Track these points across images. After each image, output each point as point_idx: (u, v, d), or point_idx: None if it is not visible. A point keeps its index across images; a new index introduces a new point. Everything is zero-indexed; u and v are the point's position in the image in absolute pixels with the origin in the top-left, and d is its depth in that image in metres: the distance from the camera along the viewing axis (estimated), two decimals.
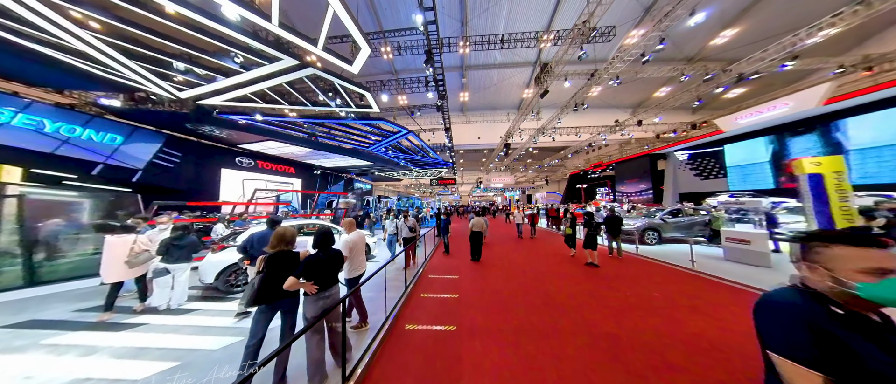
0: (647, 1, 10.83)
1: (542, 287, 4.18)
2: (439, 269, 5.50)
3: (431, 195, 39.52)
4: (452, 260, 6.47)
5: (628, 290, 3.86)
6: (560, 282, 4.39)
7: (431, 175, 24.22)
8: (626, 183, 21.58)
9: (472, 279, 4.78)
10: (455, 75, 16.67)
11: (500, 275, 5.03)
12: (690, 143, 16.71)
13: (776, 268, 4.49)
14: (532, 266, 5.60)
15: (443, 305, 3.70)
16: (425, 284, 4.58)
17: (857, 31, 10.88)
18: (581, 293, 3.77)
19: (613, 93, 17.20)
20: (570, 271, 5.04)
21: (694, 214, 7.07)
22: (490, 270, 5.37)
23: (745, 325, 2.68)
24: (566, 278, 4.57)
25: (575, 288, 4.08)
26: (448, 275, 5.02)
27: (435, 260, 6.56)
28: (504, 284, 4.40)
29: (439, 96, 9.62)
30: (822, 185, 5.09)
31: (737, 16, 11.14)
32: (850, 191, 4.98)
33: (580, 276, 4.64)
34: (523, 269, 5.32)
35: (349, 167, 16.89)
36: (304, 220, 5.91)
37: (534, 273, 5.03)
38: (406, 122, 17.62)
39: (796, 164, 5.47)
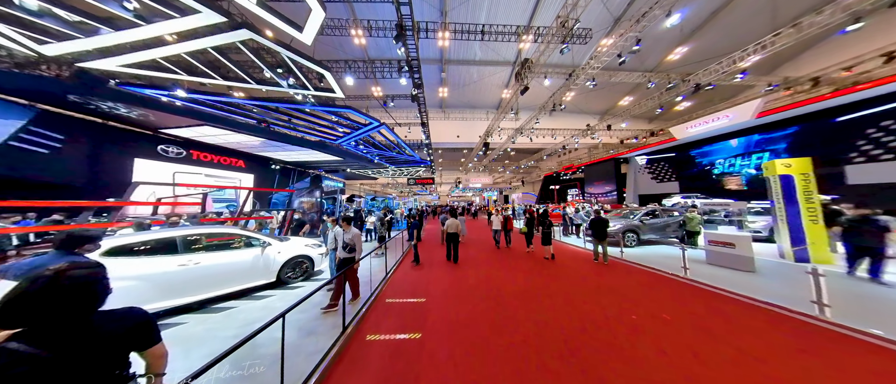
0: (617, 11, 11.24)
1: (533, 312, 3.20)
2: (403, 289, 4.29)
3: (409, 195, 38.02)
4: (422, 272, 5.23)
5: (631, 306, 3.20)
6: (552, 303, 3.49)
7: (409, 173, 22.88)
8: (594, 184, 22.53)
9: (443, 303, 3.56)
10: (434, 69, 15.64)
11: (479, 293, 3.92)
12: (648, 148, 17.70)
13: (761, 273, 4.24)
14: (515, 280, 4.53)
15: (398, 354, 2.40)
16: (378, 315, 3.27)
17: (779, 56, 12.45)
18: (586, 326, 2.76)
19: (585, 99, 17.61)
20: (564, 289, 4.17)
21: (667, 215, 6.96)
22: (466, 285, 4.37)
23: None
24: (559, 298, 3.67)
25: (575, 314, 3.21)
26: (412, 299, 3.80)
27: (400, 273, 5.29)
28: (485, 309, 3.29)
29: (414, 85, 8.52)
30: (793, 185, 5.03)
31: (688, 36, 12.23)
32: (815, 192, 4.97)
33: (579, 297, 3.73)
34: (505, 286, 4.18)
35: (316, 162, 14.94)
36: (207, 228, 4.04)
37: (517, 291, 3.93)
38: (380, 116, 16.14)
39: (768, 165, 5.41)
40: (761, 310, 3.01)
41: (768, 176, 5.35)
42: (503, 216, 7.99)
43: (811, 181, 4.95)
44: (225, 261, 3.74)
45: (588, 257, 5.82)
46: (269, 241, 4.29)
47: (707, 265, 4.75)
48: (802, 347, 2.24)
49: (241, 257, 3.92)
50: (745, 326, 2.68)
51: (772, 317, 2.82)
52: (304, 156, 12.52)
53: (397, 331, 2.84)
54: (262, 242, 4.21)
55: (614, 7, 11.08)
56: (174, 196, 6.41)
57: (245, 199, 6.10)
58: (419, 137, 15.30)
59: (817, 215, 4.81)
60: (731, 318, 2.84)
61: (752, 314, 2.92)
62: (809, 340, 2.33)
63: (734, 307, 3.09)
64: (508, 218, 8.04)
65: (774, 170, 5.18)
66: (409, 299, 3.79)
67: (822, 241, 4.75)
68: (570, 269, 4.91)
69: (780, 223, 5.02)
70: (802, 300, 2.95)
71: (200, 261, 3.47)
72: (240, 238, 4.12)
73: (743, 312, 2.97)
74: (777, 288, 3.63)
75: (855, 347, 2.22)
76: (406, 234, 7.83)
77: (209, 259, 3.59)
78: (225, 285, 3.69)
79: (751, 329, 2.63)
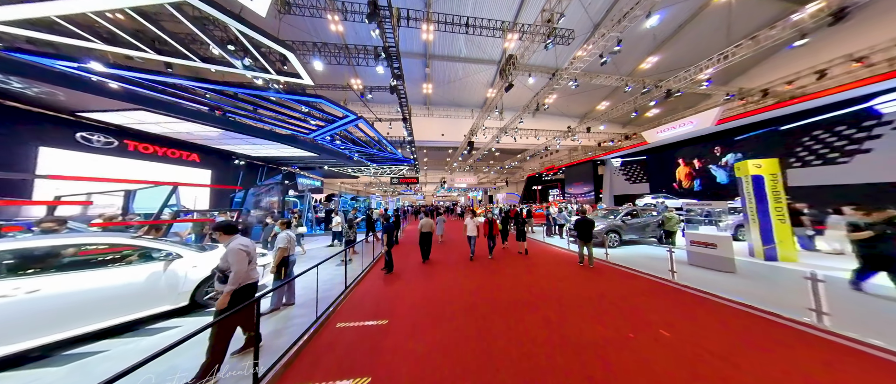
0: (597, 18, 11.47)
1: (519, 334, 2.62)
2: (363, 306, 3.48)
3: (393, 194, 36.78)
4: (393, 282, 4.46)
5: (624, 320, 2.84)
6: (540, 319, 2.95)
7: (392, 172, 21.88)
8: (574, 185, 23.19)
9: (410, 326, 2.87)
10: (418, 64, 14.91)
11: (454, 309, 3.25)
12: (622, 151, 18.46)
13: (741, 274, 4.20)
14: (496, 290, 3.89)
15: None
16: (318, 351, 2.44)
17: (734, 69, 13.66)
18: (580, 350, 2.31)
19: (566, 102, 17.94)
20: (551, 300, 3.75)
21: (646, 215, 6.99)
22: (441, 298, 3.66)
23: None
24: (547, 311, 3.23)
25: (567, 334, 2.77)
26: (372, 321, 3.04)
27: (366, 284, 4.46)
28: (460, 334, 2.61)
29: (393, 75, 7.77)
30: (763, 186, 5.11)
31: (659, 46, 12.98)
32: (783, 192, 5.08)
33: (569, 311, 3.31)
34: (485, 299, 3.54)
35: (288, 158, 13.55)
36: (65, 239, 2.80)
37: (499, 305, 3.32)
38: (359, 110, 15.05)
39: (741, 166, 5.49)
40: (761, 320, 2.74)
41: (740, 176, 5.43)
42: (487, 218, 6.35)
43: (779, 181, 5.08)
44: (94, 283, 2.61)
45: (573, 260, 5.54)
46: (179, 253, 3.29)
47: (689, 266, 4.65)
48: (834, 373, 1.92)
49: (128, 276, 2.85)
50: (755, 344, 2.40)
51: (777, 330, 2.55)
52: (272, 150, 11.18)
53: (337, 378, 2.07)
54: (165, 254, 3.18)
55: (595, 12, 11.20)
56: (88, 194, 5.07)
57: (167, 197, 4.86)
58: (401, 134, 14.48)
59: (784, 215, 4.93)
60: (736, 332, 2.52)
61: (754, 326, 2.64)
62: (837, 360, 2.03)
63: (734, 317, 2.77)
64: (493, 221, 6.26)
65: (747, 170, 5.25)
66: (368, 322, 3.06)
67: (789, 240, 4.88)
68: (556, 275, 4.52)
69: (751, 222, 5.10)
70: (798, 308, 2.76)
71: (40, 289, 2.31)
72: (136, 248, 3.06)
73: (745, 324, 2.66)
74: (763, 291, 3.51)
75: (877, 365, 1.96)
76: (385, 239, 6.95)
77: (62, 282, 2.45)
78: (90, 319, 2.58)
79: (759, 346, 2.35)
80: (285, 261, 3.39)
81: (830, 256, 5.16)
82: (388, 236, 5.22)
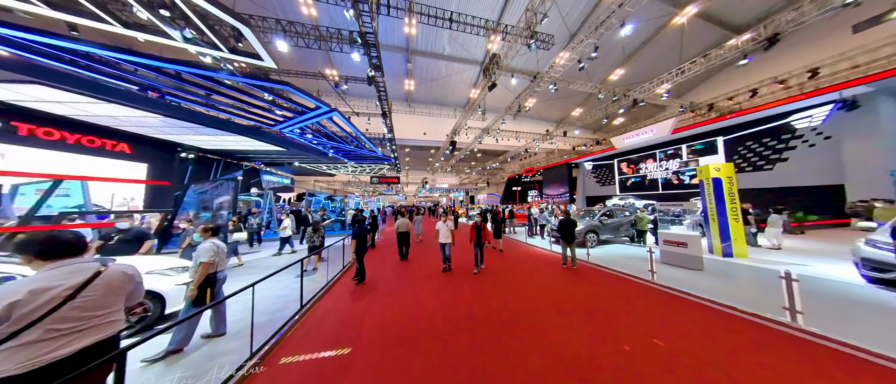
0: (574, 27, 11.95)
1: (506, 358, 2.17)
2: (322, 330, 2.82)
3: (374, 194, 35.18)
4: (363, 296, 3.83)
5: (615, 328, 2.64)
6: (528, 334, 2.55)
7: (371, 171, 20.71)
8: (551, 186, 24.14)
9: (378, 354, 2.33)
10: (400, 58, 14.18)
11: (432, 328, 2.74)
12: (594, 155, 19.57)
13: (708, 272, 4.38)
14: (481, 301, 3.41)
15: None
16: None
17: (686, 84, 15.29)
18: (577, 369, 1.97)
19: (544, 107, 18.50)
20: (539, 309, 3.47)
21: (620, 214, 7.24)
22: (417, 315, 3.16)
23: None
24: (535, 323, 2.81)
25: (559, 353, 2.35)
26: (330, 351, 2.41)
27: (330, 299, 3.74)
28: (437, 364, 2.14)
29: (371, 65, 7.07)
30: (722, 188, 5.46)
31: (625, 60, 14.16)
32: (737, 194, 5.47)
33: (558, 321, 3.03)
34: (468, 313, 3.07)
35: (250, 152, 11.97)
36: None
37: (485, 319, 2.88)
38: (335, 102, 13.85)
39: (702, 168, 5.82)
40: (744, 322, 2.70)
41: (702, 179, 5.77)
42: (475, 222, 5.01)
43: (734, 184, 5.47)
44: None
45: (556, 262, 5.42)
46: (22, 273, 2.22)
47: (663, 264, 4.74)
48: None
49: None
50: (743, 349, 2.32)
51: (762, 332, 2.49)
52: (230, 143, 9.69)
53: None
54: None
55: (571, 22, 11.59)
56: None
57: (45, 194, 3.63)
58: (381, 131, 13.61)
59: (738, 214, 5.31)
60: (725, 336, 2.43)
61: (738, 328, 2.57)
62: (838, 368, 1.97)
63: (719, 320, 2.68)
64: (481, 226, 4.94)
65: (708, 173, 5.59)
66: (324, 353, 2.40)
67: (742, 238, 5.28)
68: (541, 282, 4.24)
69: (711, 221, 5.43)
70: (772, 306, 2.79)
71: None
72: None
73: (731, 326, 2.58)
74: (732, 288, 3.61)
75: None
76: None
77: None
78: None
79: (748, 352, 2.27)
80: (211, 279, 2.57)
81: (771, 251, 5.71)
82: (360, 241, 4.52)
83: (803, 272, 4.03)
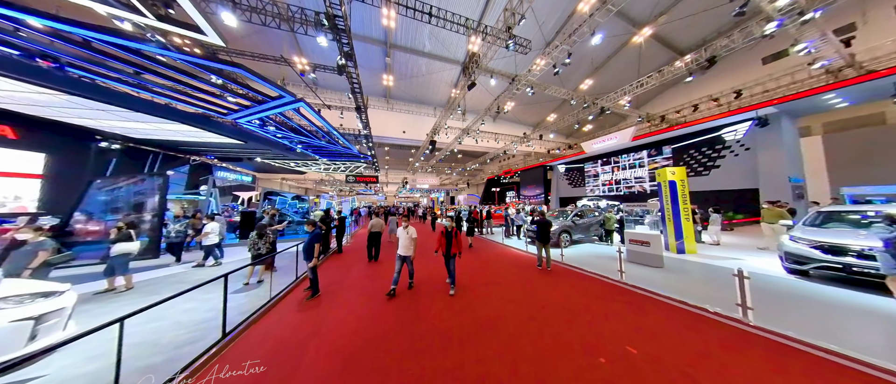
0: (549, 36, 12.44)
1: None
2: (250, 357, 2.27)
3: (349, 193, 33.23)
4: (309, 317, 3.14)
5: (590, 334, 2.56)
6: (498, 347, 2.34)
7: (347, 169, 19.38)
8: (528, 188, 25.07)
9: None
10: (378, 51, 13.40)
11: (393, 350, 2.34)
12: (566, 158, 20.72)
13: (668, 269, 4.66)
14: (450, 310, 3.12)
15: None
16: None
17: (644, 97, 16.98)
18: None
19: (522, 111, 19.07)
20: (512, 316, 3.08)
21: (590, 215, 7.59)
22: (377, 334, 2.68)
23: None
24: (507, 335, 2.58)
25: (534, 371, 2.31)
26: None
27: (268, 321, 3.06)
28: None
29: (342, 53, 6.40)
30: (676, 190, 5.93)
31: (593, 71, 15.11)
32: (688, 196, 5.99)
33: (533, 328, 2.72)
34: (435, 326, 2.74)
35: (199, 145, 10.30)
36: None
37: (451, 332, 2.60)
38: (303, 93, 12.56)
39: (660, 172, 6.29)
40: (707, 320, 2.78)
41: (660, 181, 6.24)
42: (445, 229, 4.01)
43: (686, 186, 5.99)
44: None
45: (532, 263, 5.37)
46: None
47: (629, 262, 4.95)
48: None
49: None
50: (707, 348, 2.36)
51: (724, 331, 2.57)
52: (171, 132, 8.18)
53: None
54: None
55: (548, 31, 12.01)
56: None
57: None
58: (355, 126, 12.71)
59: (689, 214, 5.82)
60: (691, 337, 2.48)
61: (701, 327, 2.63)
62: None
63: (686, 320, 2.74)
64: (452, 233, 3.95)
65: (665, 176, 6.05)
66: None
67: (691, 235, 5.81)
68: (517, 287, 4.09)
69: (667, 221, 5.89)
70: (727, 302, 2.93)
71: None
72: None
73: (700, 328, 2.62)
74: (685, 285, 3.82)
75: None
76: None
77: None
78: None
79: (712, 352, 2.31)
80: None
81: (713, 247, 6.40)
82: (311, 247, 3.75)
83: (740, 266, 4.52)
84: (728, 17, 10.67)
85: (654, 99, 17.94)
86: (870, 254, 3.26)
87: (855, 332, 2.60)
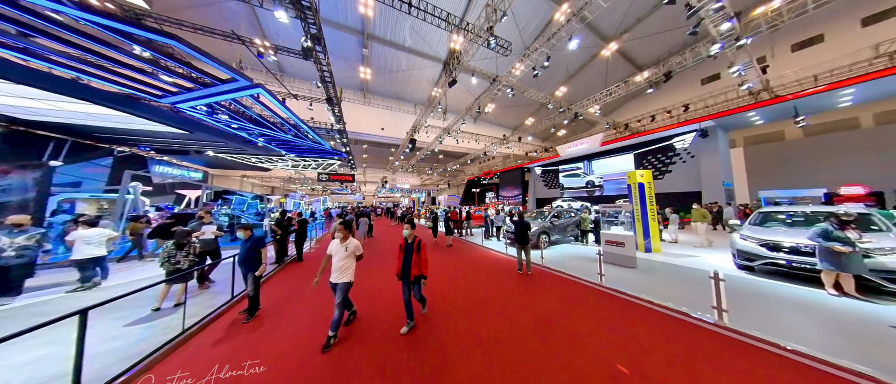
0: (528, 41, 12.73)
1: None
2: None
3: (323, 192, 30.90)
4: (243, 340, 2.61)
5: (575, 350, 2.38)
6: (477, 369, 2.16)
7: (319, 166, 17.82)
8: (506, 189, 25.61)
9: None
10: (354, 41, 12.44)
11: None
12: (543, 161, 21.55)
13: (640, 269, 4.85)
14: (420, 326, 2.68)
15: None
16: None
17: (611, 105, 18.37)
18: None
19: (502, 113, 19.36)
20: (491, 333, 2.98)
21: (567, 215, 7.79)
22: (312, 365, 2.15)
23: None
24: (484, 354, 2.36)
25: None
26: None
27: (176, 360, 2.34)
28: None
29: (308, 34, 5.62)
30: (645, 192, 6.27)
31: (568, 79, 15.95)
32: (654, 197, 6.37)
33: (516, 348, 2.58)
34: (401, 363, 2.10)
35: (127, 133, 8.50)
36: None
37: (413, 351, 2.24)
38: (266, 80, 11.09)
39: (631, 174, 6.61)
40: (690, 326, 2.76)
41: (630, 183, 6.56)
42: (405, 241, 2.98)
43: (653, 188, 6.37)
44: None
45: (511, 268, 5.15)
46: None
47: (606, 264, 5.01)
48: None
49: None
50: (692, 355, 2.31)
51: (707, 337, 2.54)
52: (79, 115, 6.55)
53: None
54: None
55: (527, 36, 12.24)
56: None
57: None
58: (328, 119, 11.62)
59: (655, 215, 6.19)
60: (683, 353, 2.38)
61: (691, 337, 2.55)
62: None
63: (672, 328, 2.66)
64: (417, 247, 2.90)
65: (635, 179, 6.37)
66: None
67: (657, 235, 6.19)
68: (496, 297, 3.82)
69: (636, 221, 6.20)
70: (704, 305, 2.97)
71: None
72: None
73: (683, 335, 2.58)
74: (665, 287, 3.78)
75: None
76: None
77: None
78: None
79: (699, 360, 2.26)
80: None
81: (672, 244, 6.93)
82: (251, 257, 3.08)
83: (696, 263, 4.90)
84: (682, 36, 11.84)
85: (619, 108, 19.47)
86: (809, 251, 3.62)
87: (799, 326, 2.80)
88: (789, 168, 13.12)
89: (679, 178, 14.61)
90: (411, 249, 2.87)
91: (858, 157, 11.24)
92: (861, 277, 3.25)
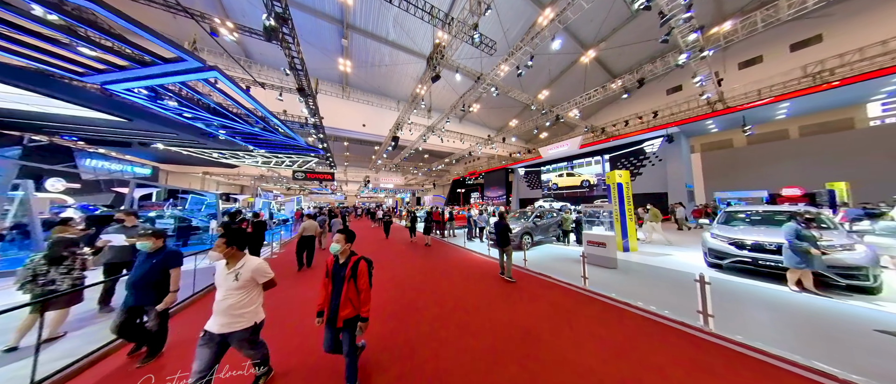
0: (513, 43, 12.74)
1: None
2: None
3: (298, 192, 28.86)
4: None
5: (560, 369, 2.10)
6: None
7: (294, 163, 16.46)
8: (491, 189, 25.75)
9: None
10: (332, 30, 11.57)
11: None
12: (526, 162, 21.89)
13: (622, 271, 4.79)
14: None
15: None
16: None
17: (590, 109, 19.18)
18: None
19: (487, 114, 19.33)
20: (472, 353, 2.57)
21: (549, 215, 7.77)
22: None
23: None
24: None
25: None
26: None
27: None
28: None
29: (272, 12, 4.91)
30: (623, 192, 6.35)
31: (549, 83, 16.25)
32: (631, 198, 6.48)
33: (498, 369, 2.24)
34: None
35: (44, 118, 7.09)
36: None
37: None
38: (228, 65, 9.81)
39: (610, 175, 6.68)
40: (679, 333, 2.60)
41: (609, 183, 6.63)
42: (335, 259, 1.84)
43: (630, 188, 6.49)
44: None
45: (494, 272, 4.82)
46: None
47: (589, 265, 4.90)
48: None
49: None
50: (687, 365, 2.13)
51: (694, 345, 2.39)
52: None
53: None
54: None
55: (512, 38, 12.21)
56: None
57: None
58: (301, 112, 10.68)
59: (632, 215, 6.30)
60: (668, 355, 2.25)
61: (680, 344, 2.39)
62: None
63: (659, 335, 2.51)
64: (350, 269, 1.75)
65: (614, 179, 6.45)
66: None
67: (634, 234, 6.31)
68: (474, 302, 3.50)
69: (615, 221, 6.26)
70: (688, 310, 2.85)
71: None
72: None
73: (670, 340, 2.44)
74: (648, 290, 3.68)
75: None
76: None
77: None
78: None
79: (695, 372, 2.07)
80: None
81: (646, 243, 7.14)
82: (154, 280, 2.08)
83: (671, 262, 5.01)
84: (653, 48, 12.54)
85: (597, 112, 20.35)
86: (775, 250, 3.74)
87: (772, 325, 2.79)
88: (738, 171, 14.55)
89: (649, 180, 15.52)
90: (341, 277, 1.73)
91: (791, 164, 12.83)
92: (818, 273, 3.38)
